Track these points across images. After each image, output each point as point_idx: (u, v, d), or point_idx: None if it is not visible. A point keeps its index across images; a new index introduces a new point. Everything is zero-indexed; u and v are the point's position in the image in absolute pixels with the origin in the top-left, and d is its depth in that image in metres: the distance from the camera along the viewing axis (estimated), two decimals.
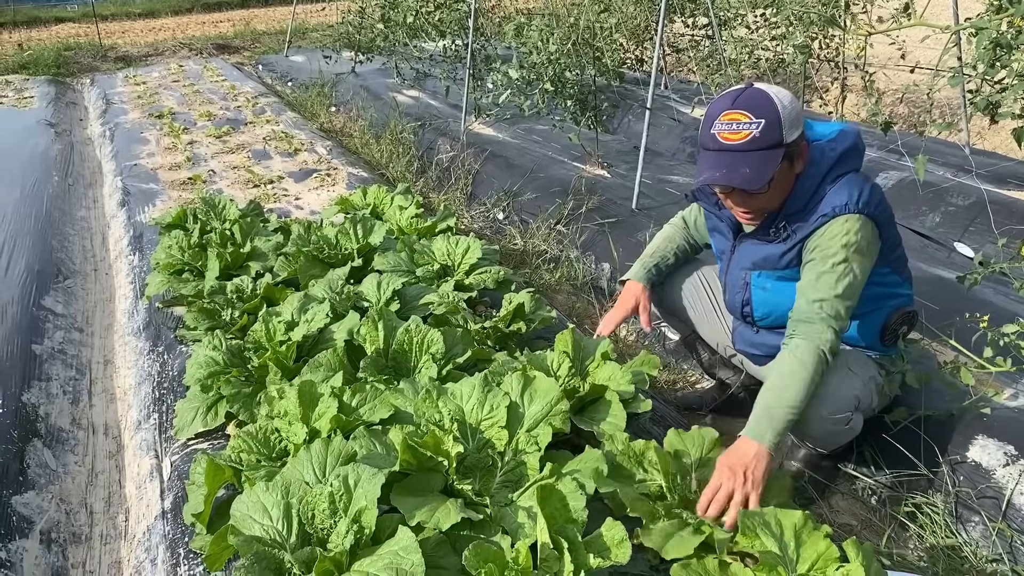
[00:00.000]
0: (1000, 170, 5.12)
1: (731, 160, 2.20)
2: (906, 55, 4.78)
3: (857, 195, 2.24)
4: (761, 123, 2.16)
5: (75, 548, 2.49)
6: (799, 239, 2.32)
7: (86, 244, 5.04)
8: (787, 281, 2.42)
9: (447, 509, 1.90)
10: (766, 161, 2.18)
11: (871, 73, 4.74)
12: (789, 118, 2.18)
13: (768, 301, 2.50)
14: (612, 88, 6.81)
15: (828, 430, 2.37)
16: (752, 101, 2.20)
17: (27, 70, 11.82)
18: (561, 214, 4.88)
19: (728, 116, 2.21)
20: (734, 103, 2.21)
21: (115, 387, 3.40)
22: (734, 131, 2.19)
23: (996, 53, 2.42)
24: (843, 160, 2.30)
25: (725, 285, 2.65)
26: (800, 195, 2.31)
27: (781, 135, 2.18)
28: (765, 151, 2.18)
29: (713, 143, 2.24)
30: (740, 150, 2.19)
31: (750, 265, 2.49)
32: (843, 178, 2.29)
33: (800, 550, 1.81)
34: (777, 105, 2.18)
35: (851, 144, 2.33)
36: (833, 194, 2.26)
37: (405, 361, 2.69)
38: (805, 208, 2.30)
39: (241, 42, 14.73)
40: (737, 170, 2.19)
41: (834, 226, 2.25)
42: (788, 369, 2.20)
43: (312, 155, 6.47)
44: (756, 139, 2.17)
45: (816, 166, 2.30)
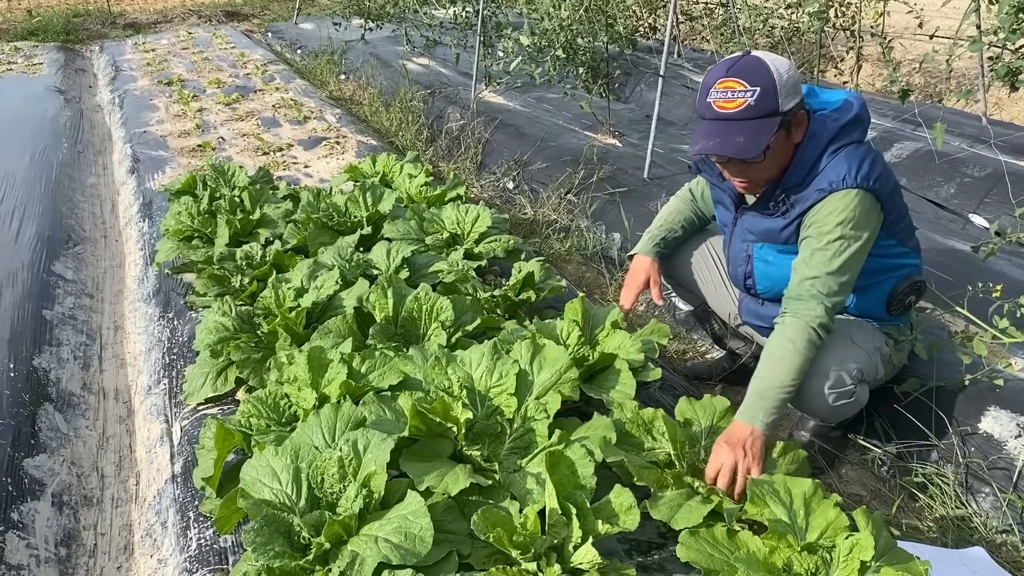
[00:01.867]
0: (1018, 140, 5.04)
1: (725, 129, 2.17)
2: (924, 23, 4.70)
3: (856, 168, 2.18)
4: (756, 91, 2.12)
5: (86, 511, 2.51)
6: (797, 213, 2.29)
7: (96, 211, 5.04)
8: (788, 255, 2.40)
9: (456, 474, 1.90)
10: (761, 130, 2.14)
11: (888, 41, 4.66)
12: (785, 86, 2.14)
13: (770, 274, 2.49)
14: (624, 56, 6.74)
15: (831, 404, 2.35)
16: (748, 69, 2.15)
17: (36, 37, 11.77)
18: (572, 183, 4.84)
19: (723, 84, 2.17)
20: (729, 71, 2.17)
21: (125, 352, 3.41)
22: (729, 99, 2.15)
23: (1018, 18, 2.37)
24: (844, 131, 2.25)
25: (728, 257, 2.63)
26: (799, 168, 2.27)
27: (777, 103, 2.13)
28: (760, 119, 2.14)
29: (708, 112, 2.20)
30: (735, 119, 2.15)
31: (752, 238, 2.47)
32: (843, 150, 2.23)
33: (809, 519, 1.81)
34: (773, 73, 2.13)
35: (854, 115, 2.27)
36: (831, 167, 2.21)
37: (414, 328, 2.69)
38: (803, 181, 2.27)
39: (250, 9, 14.61)
40: (731, 139, 2.16)
41: (831, 201, 2.20)
42: (777, 350, 2.20)
43: (321, 123, 6.44)
44: (751, 107, 2.13)
45: (816, 138, 2.25)
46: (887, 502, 2.52)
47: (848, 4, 5.95)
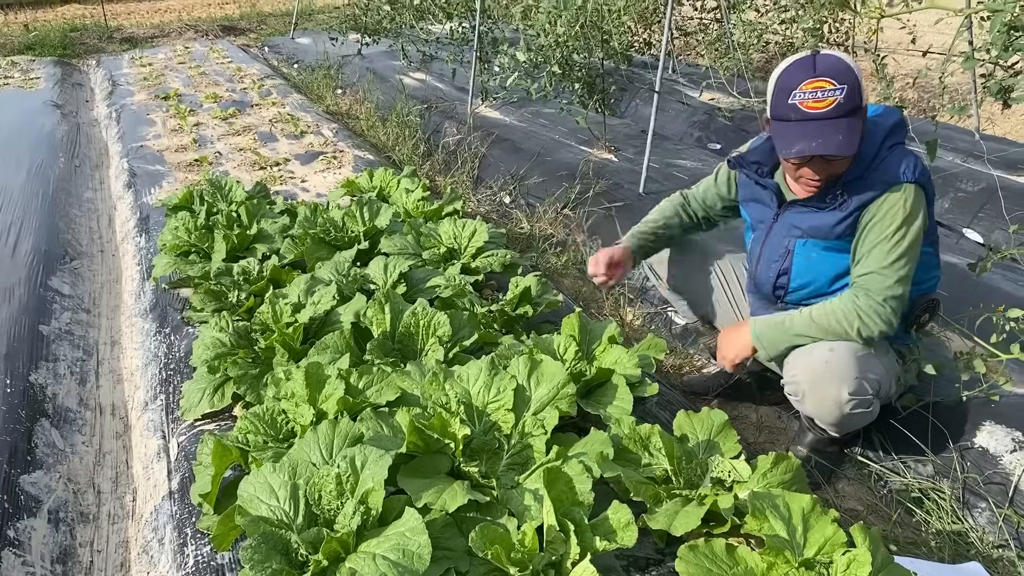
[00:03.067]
0: (1011, 156, 5.08)
1: (821, 128, 2.21)
2: (917, 39, 4.73)
3: (914, 164, 2.29)
4: (844, 88, 2.18)
5: (83, 527, 2.50)
6: (856, 206, 2.33)
7: (93, 225, 5.04)
8: (833, 252, 2.43)
9: (454, 491, 1.90)
10: (852, 126, 2.21)
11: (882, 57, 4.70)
12: (861, 81, 2.23)
13: (810, 270, 2.50)
14: (620, 71, 6.76)
15: (847, 412, 2.36)
16: (833, 67, 2.21)
17: (33, 51, 11.79)
18: (568, 198, 4.86)
19: (812, 84, 2.21)
20: (816, 71, 2.21)
21: (122, 368, 3.40)
22: (819, 99, 2.19)
23: (1010, 36, 2.39)
24: (894, 131, 2.36)
25: (760, 256, 2.62)
26: (860, 163, 2.33)
27: (861, 99, 2.23)
28: (850, 117, 2.21)
29: (796, 113, 2.23)
30: (828, 117, 2.20)
31: (798, 233, 2.48)
32: (897, 147, 2.33)
33: (808, 534, 1.81)
34: (854, 69, 2.22)
35: (899, 118, 2.39)
36: (892, 161, 2.29)
37: (412, 344, 2.69)
38: (864, 176, 2.33)
39: (247, 24, 14.66)
40: (832, 137, 2.20)
41: (893, 195, 2.28)
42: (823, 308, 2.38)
43: (318, 137, 6.45)
44: (841, 105, 2.19)
45: (872, 135, 2.33)
46: (884, 517, 2.53)
47: (842, 20, 6.00)
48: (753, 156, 2.58)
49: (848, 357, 2.30)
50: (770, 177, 2.55)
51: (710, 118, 6.66)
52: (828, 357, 2.33)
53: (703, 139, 6.51)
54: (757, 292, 2.72)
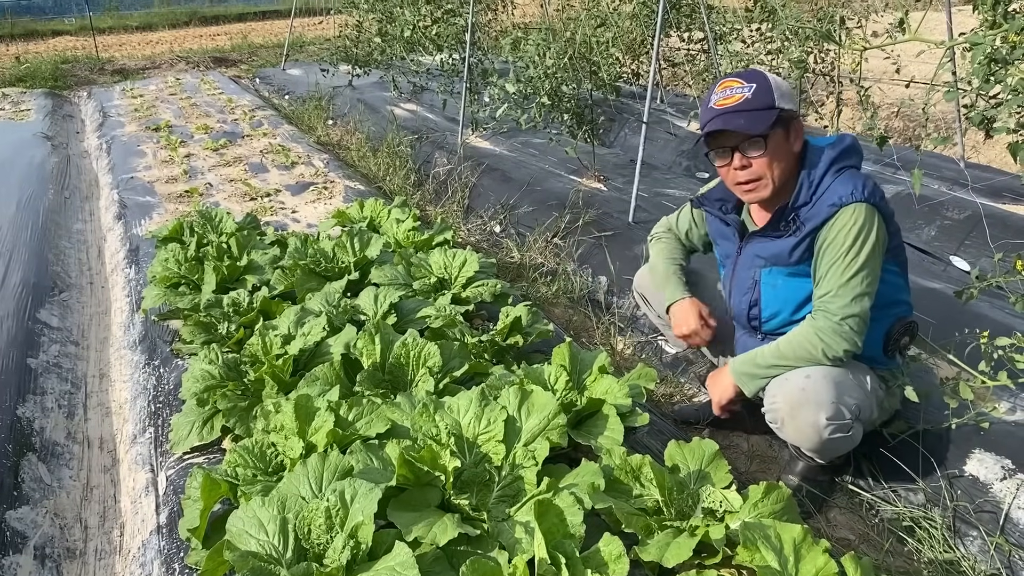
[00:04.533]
0: (995, 184, 5.14)
1: (727, 116, 2.36)
2: (901, 69, 4.80)
3: (862, 185, 2.33)
4: (752, 87, 2.35)
5: (69, 563, 2.47)
6: (808, 230, 2.38)
7: (82, 257, 5.03)
8: (797, 278, 2.48)
9: (444, 524, 1.89)
10: (759, 118, 2.33)
11: (866, 88, 4.77)
12: (780, 88, 2.36)
13: (777, 298, 2.55)
14: (608, 102, 6.84)
15: (826, 437, 2.36)
16: (745, 73, 2.42)
17: (24, 83, 11.83)
18: (558, 227, 4.88)
19: (723, 85, 2.41)
20: (728, 75, 2.44)
21: (111, 401, 3.38)
22: (728, 96, 2.37)
23: (991, 68, 2.43)
24: (844, 155, 2.41)
25: (731, 290, 2.69)
26: (806, 187, 2.40)
27: (773, 98, 2.34)
28: (759, 111, 2.33)
29: (710, 113, 2.40)
30: (735, 110, 2.35)
31: (761, 262, 2.54)
32: (846, 171, 2.39)
33: (799, 565, 1.80)
34: (768, 76, 2.38)
35: (850, 143, 2.45)
36: (838, 184, 2.35)
37: (402, 375, 2.69)
38: (811, 200, 2.39)
39: (238, 55, 14.76)
40: (733, 121, 2.35)
41: (843, 216, 2.33)
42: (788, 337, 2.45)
43: (309, 168, 6.48)
44: (749, 100, 2.34)
45: (819, 161, 2.40)
46: (876, 546, 2.52)
47: (827, 51, 6.09)
48: (716, 194, 2.69)
49: (824, 382, 2.33)
50: (736, 214, 2.64)
51: (698, 147, 6.71)
52: (804, 384, 2.36)
53: (691, 168, 6.56)
54: (738, 322, 2.76)
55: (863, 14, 5.63)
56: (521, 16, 10.03)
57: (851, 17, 5.61)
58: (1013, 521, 2.40)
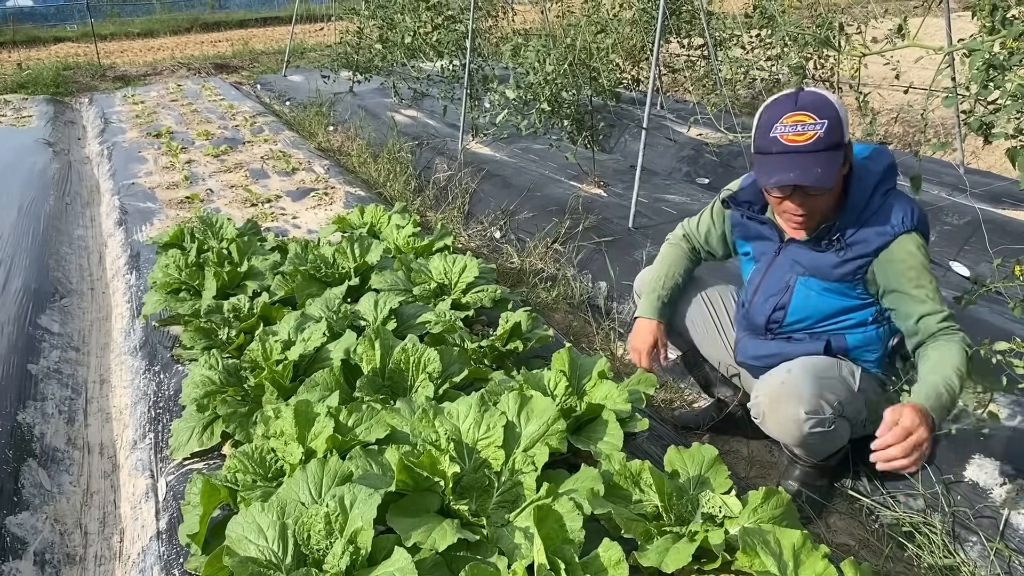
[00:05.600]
0: (994, 189, 5.14)
1: (800, 161, 2.24)
2: (900, 75, 4.81)
3: (912, 213, 2.31)
4: (825, 123, 2.22)
5: (69, 569, 2.47)
6: (858, 255, 2.36)
7: (83, 263, 5.04)
8: (831, 293, 2.46)
9: (443, 530, 1.89)
10: (832, 160, 2.24)
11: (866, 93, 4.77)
12: (844, 117, 2.26)
13: (807, 307, 2.52)
14: (608, 108, 6.85)
15: (805, 431, 2.35)
16: (815, 103, 2.25)
17: (26, 89, 11.87)
18: (558, 233, 4.89)
19: (792, 118, 2.25)
20: (797, 104, 2.26)
21: (111, 407, 3.39)
22: (799, 132, 2.23)
23: (989, 74, 2.43)
24: (886, 176, 2.38)
25: (759, 287, 2.63)
26: (853, 208, 2.36)
27: (843, 134, 2.25)
28: (830, 151, 2.24)
29: (776, 146, 2.27)
30: (808, 151, 2.23)
31: (800, 270, 2.50)
32: (891, 194, 2.35)
33: (798, 570, 1.80)
34: (836, 105, 2.25)
35: (890, 161, 2.41)
36: (888, 210, 2.32)
37: (402, 380, 2.69)
38: (859, 221, 2.35)
39: (239, 62, 14.80)
40: (811, 170, 2.23)
41: (904, 244, 2.30)
42: (947, 358, 2.24)
43: (310, 174, 6.49)
44: (821, 139, 2.22)
45: (864, 180, 2.36)
46: (876, 552, 2.52)
47: (827, 57, 6.10)
48: (744, 195, 2.63)
49: (804, 377, 2.34)
50: (763, 213, 2.59)
51: (698, 153, 6.73)
52: (784, 378, 2.37)
53: (691, 174, 6.57)
54: (747, 323, 2.72)
55: (862, 20, 5.64)
56: (521, 22, 10.06)
57: (850, 23, 5.62)
58: (1013, 526, 2.40)
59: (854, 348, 2.52)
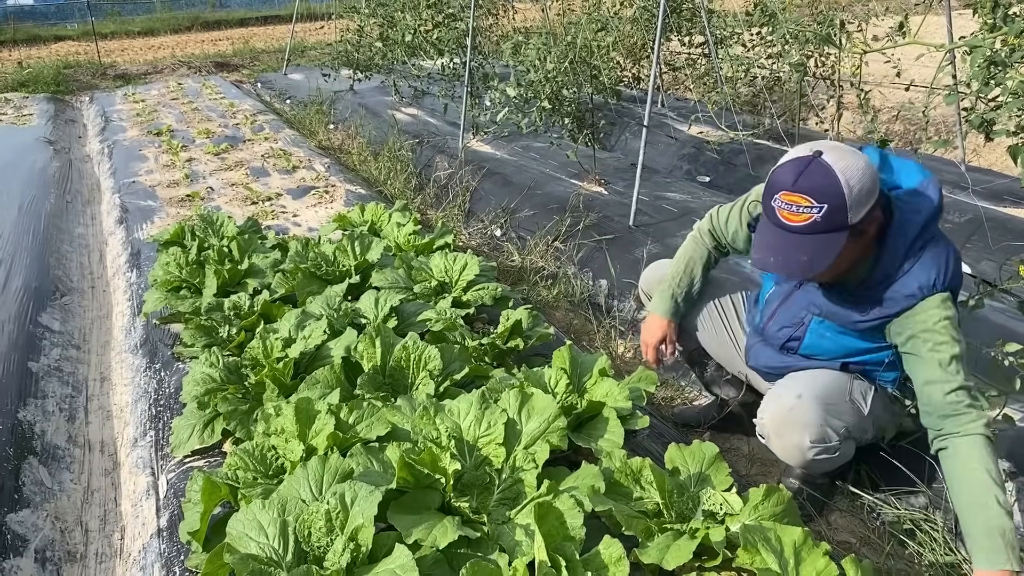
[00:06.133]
0: (996, 187, 5.14)
1: (787, 244, 2.09)
2: (901, 73, 4.81)
3: (944, 271, 2.13)
4: (823, 208, 2.01)
5: (70, 567, 2.47)
6: (881, 315, 2.21)
7: (84, 261, 5.04)
8: (847, 336, 2.37)
9: (444, 527, 1.89)
10: (827, 245, 2.06)
11: (867, 91, 4.77)
12: (857, 198, 2.02)
13: (820, 346, 2.46)
14: (609, 106, 6.85)
15: (810, 458, 2.35)
16: (814, 183, 2.02)
17: (26, 88, 11.86)
18: (559, 231, 4.89)
19: (788, 197, 2.05)
20: (795, 184, 2.04)
21: (112, 404, 3.39)
22: (794, 213, 2.04)
23: (991, 71, 2.44)
24: (928, 224, 2.16)
25: (774, 314, 2.55)
26: (887, 264, 2.18)
27: (846, 218, 2.02)
28: (828, 234, 2.05)
29: (773, 217, 2.11)
30: (799, 232, 2.06)
31: (816, 311, 2.39)
32: (927, 250, 2.15)
33: (799, 567, 1.80)
34: (843, 186, 2.00)
35: (935, 208, 2.18)
36: (920, 268, 2.13)
37: (403, 378, 2.69)
38: (891, 279, 2.17)
39: (240, 60, 14.79)
40: (794, 257, 2.09)
41: (929, 307, 2.13)
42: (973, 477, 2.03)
43: (310, 172, 6.49)
44: (817, 223, 2.03)
45: (902, 235, 2.16)
46: (877, 549, 2.52)
47: (828, 54, 6.10)
48: None
49: (813, 404, 2.28)
50: None
51: (699, 151, 6.73)
52: (793, 404, 2.31)
53: (692, 172, 6.57)
54: (759, 333, 2.65)
55: (863, 18, 5.64)
56: (522, 20, 10.06)
57: (851, 21, 5.62)
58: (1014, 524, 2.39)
59: (873, 369, 2.46)
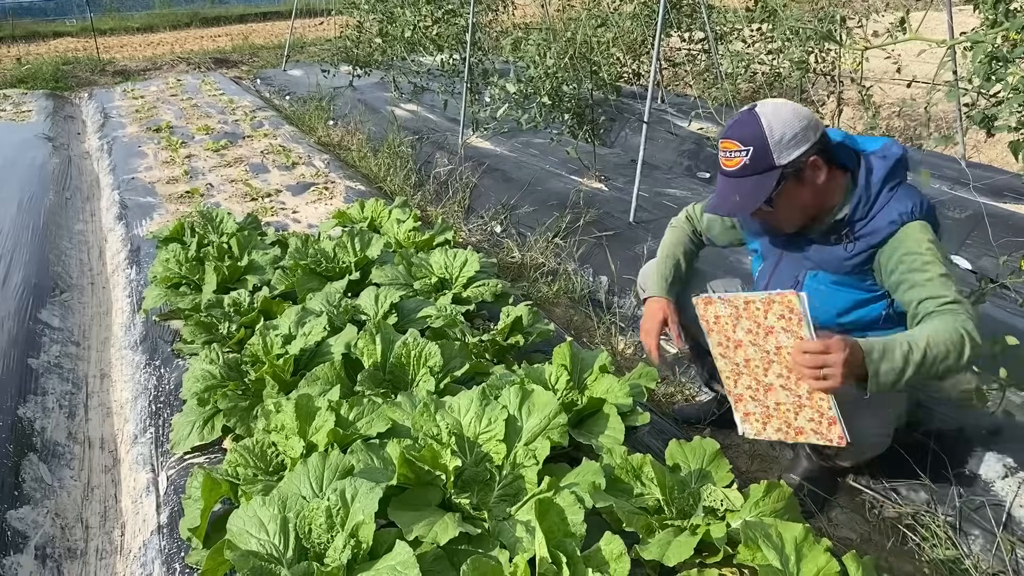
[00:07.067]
0: (996, 183, 5.13)
1: (726, 186, 2.31)
2: (902, 69, 4.80)
3: (919, 204, 2.28)
4: (749, 150, 2.24)
5: (70, 563, 2.47)
6: (868, 246, 2.32)
7: (83, 258, 5.03)
8: (842, 288, 2.43)
9: (445, 523, 1.89)
10: (757, 185, 2.25)
11: (868, 87, 4.76)
12: (781, 142, 2.22)
13: (818, 301, 2.46)
14: (609, 102, 6.83)
15: (870, 444, 2.38)
16: (741, 129, 2.27)
17: (25, 84, 11.84)
18: (559, 227, 4.88)
19: (723, 144, 2.31)
20: (727, 132, 2.30)
21: (111, 401, 3.38)
22: (728, 158, 2.29)
23: (992, 67, 2.43)
24: (895, 169, 2.33)
25: (768, 285, 2.61)
26: (863, 203, 2.32)
27: (772, 160, 2.23)
28: (757, 176, 2.25)
29: (718, 166, 2.35)
30: (735, 176, 2.29)
31: (809, 264, 2.48)
32: (899, 187, 2.32)
33: (800, 564, 1.80)
34: (765, 131, 2.23)
35: (900, 154, 2.36)
36: (896, 201, 2.29)
37: (403, 375, 2.69)
38: (868, 215, 2.32)
39: (239, 56, 14.77)
40: (729, 198, 2.30)
41: (912, 233, 2.25)
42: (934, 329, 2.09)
43: (310, 168, 6.48)
44: (747, 166, 2.25)
45: (873, 174, 2.33)
46: (878, 545, 2.52)
47: (828, 50, 6.09)
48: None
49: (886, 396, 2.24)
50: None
51: (699, 147, 6.71)
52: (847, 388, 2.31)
53: (692, 168, 6.56)
54: None
55: (864, 14, 5.62)
56: (522, 16, 10.04)
57: (852, 17, 5.60)
58: (1015, 519, 2.40)
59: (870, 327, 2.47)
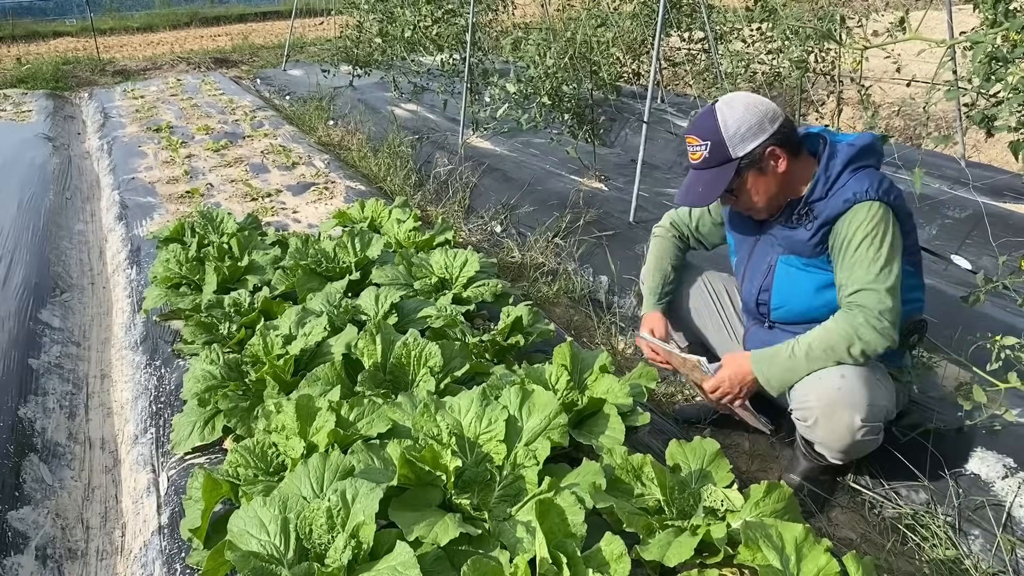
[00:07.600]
0: (996, 183, 5.13)
1: (691, 179, 2.51)
2: (902, 69, 4.79)
3: (877, 184, 2.33)
4: (708, 144, 2.42)
5: (71, 564, 2.47)
6: (821, 223, 2.40)
7: (83, 258, 5.03)
8: (810, 269, 2.49)
9: (445, 524, 1.89)
10: (717, 176, 2.43)
11: (867, 87, 4.76)
12: (736, 136, 2.38)
13: (790, 287, 2.55)
14: (609, 102, 6.84)
15: (858, 439, 2.37)
16: (700, 125, 2.46)
17: (25, 84, 11.83)
18: (559, 227, 4.88)
19: (687, 139, 2.50)
20: (690, 128, 2.50)
21: (112, 401, 3.38)
22: (692, 152, 2.48)
23: (992, 66, 2.43)
24: (862, 154, 2.41)
25: (744, 274, 2.70)
26: (822, 183, 2.41)
27: (728, 153, 2.40)
28: (716, 168, 2.43)
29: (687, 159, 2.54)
30: (698, 168, 2.48)
31: (780, 249, 2.55)
32: (863, 170, 2.39)
33: (800, 564, 1.80)
34: (720, 127, 2.40)
35: (869, 142, 2.43)
36: (854, 182, 2.36)
37: (403, 375, 2.69)
38: (827, 195, 2.40)
39: (239, 56, 14.76)
40: (692, 189, 2.50)
41: (858, 213, 2.32)
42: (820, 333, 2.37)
43: (310, 168, 6.48)
44: (707, 159, 2.44)
45: (837, 158, 2.41)
46: (878, 545, 2.52)
47: (828, 50, 6.08)
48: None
49: (860, 383, 2.32)
50: None
51: None
52: (840, 384, 2.33)
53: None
54: (747, 311, 2.78)
55: (864, 13, 5.62)
56: (521, 16, 10.04)
57: (852, 16, 5.59)
58: (1015, 519, 2.40)
59: None
